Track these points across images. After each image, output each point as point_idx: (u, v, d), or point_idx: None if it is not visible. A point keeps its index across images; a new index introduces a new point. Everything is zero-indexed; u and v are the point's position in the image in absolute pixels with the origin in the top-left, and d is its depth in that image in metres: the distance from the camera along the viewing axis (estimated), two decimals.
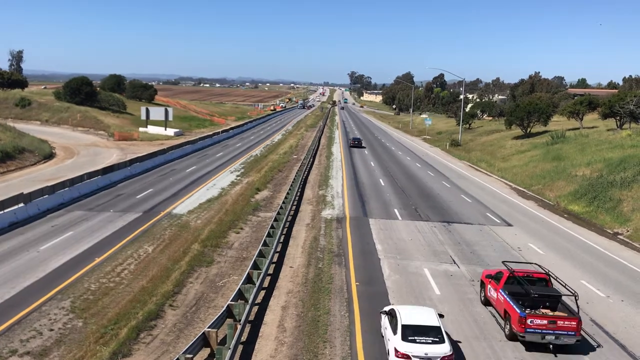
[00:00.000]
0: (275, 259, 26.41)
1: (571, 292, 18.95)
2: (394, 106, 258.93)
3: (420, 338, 16.31)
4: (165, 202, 38.05)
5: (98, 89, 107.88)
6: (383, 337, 18.07)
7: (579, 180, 46.16)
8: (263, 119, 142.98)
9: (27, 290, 21.34)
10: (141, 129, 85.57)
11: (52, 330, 18.12)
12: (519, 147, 71.71)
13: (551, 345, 18.09)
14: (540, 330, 17.98)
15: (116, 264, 24.84)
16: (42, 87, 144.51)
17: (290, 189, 40.87)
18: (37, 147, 57.77)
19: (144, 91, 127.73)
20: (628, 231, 34.91)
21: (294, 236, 31.21)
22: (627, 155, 47.55)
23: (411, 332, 16.44)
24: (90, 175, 41.97)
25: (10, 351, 16.58)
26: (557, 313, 19.08)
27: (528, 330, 18.00)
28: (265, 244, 25.84)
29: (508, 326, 19.01)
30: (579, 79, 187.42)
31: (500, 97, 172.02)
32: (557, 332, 17.93)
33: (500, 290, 20.20)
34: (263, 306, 21.05)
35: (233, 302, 18.71)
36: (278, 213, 32.31)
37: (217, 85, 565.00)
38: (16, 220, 30.80)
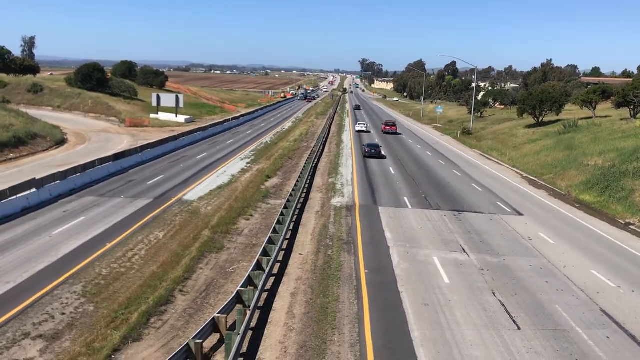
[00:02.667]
0: (284, 246, 26.50)
1: (394, 120, 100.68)
2: (405, 94, 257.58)
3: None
4: (175, 189, 38.22)
5: (109, 75, 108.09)
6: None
7: (591, 170, 45.80)
8: (273, 107, 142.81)
9: (40, 275, 21.57)
10: (152, 116, 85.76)
11: (64, 314, 18.33)
12: (531, 136, 71.21)
13: (388, 134, 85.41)
14: (387, 130, 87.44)
15: (127, 249, 25.03)
16: (49, 74, 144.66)
17: (300, 177, 40.89)
18: (49, 132, 58.10)
19: (155, 78, 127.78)
20: None
21: (303, 224, 31.27)
22: None
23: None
24: (102, 161, 42.20)
25: (23, 334, 16.81)
26: (392, 127, 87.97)
27: (384, 130, 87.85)
28: (274, 231, 25.90)
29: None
30: (592, 68, 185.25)
31: (512, 85, 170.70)
32: (390, 130, 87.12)
33: (382, 124, 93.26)
34: (272, 292, 21.16)
35: (243, 289, 18.81)
36: (288, 200, 32.37)
37: (228, 72, 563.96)
38: (28, 206, 31.08)
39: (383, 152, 61.28)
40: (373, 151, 57.40)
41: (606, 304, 21.75)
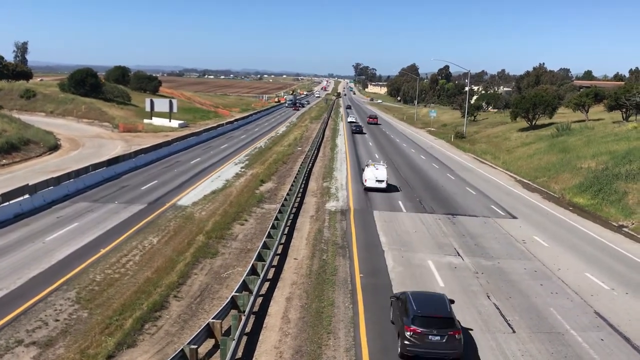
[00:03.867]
0: (279, 251, 26.46)
1: (376, 114, 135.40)
2: (399, 98, 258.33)
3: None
4: (169, 194, 38.12)
5: (103, 80, 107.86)
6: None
7: (584, 173, 46.01)
8: (267, 111, 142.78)
9: (33, 281, 21.46)
10: (146, 121, 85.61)
11: (57, 320, 18.23)
12: (524, 139, 71.50)
13: (371, 124, 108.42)
14: (370, 122, 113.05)
15: (121, 255, 24.94)
16: (39, 79, 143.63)
17: (294, 181, 40.88)
18: (42, 138, 57.88)
19: (149, 83, 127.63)
20: (633, 224, 34.81)
21: (298, 228, 31.25)
22: (633, 148, 47.37)
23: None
24: (95, 166, 42.07)
25: (16, 341, 16.70)
26: (374, 119, 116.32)
27: (369, 122, 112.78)
28: (269, 236, 25.88)
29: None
30: (585, 71, 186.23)
31: (505, 89, 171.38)
32: (373, 122, 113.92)
33: (367, 117, 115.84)
34: (267, 297, 21.12)
35: (237, 294, 18.78)
36: (282, 205, 32.34)
37: (222, 77, 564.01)
38: (21, 212, 30.91)
39: (364, 130, 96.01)
40: (357, 129, 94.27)
41: (600, 306, 21.82)
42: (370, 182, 42.00)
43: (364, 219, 33.85)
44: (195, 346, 15.34)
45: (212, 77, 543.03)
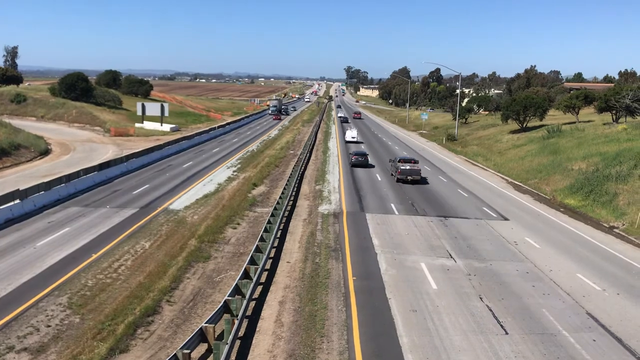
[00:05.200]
0: (272, 254, 26.43)
1: (360, 111, 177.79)
2: (390, 101, 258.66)
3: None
4: (161, 198, 38.00)
5: (94, 84, 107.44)
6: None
7: (575, 174, 46.28)
8: (259, 114, 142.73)
9: (24, 287, 21.30)
10: (137, 125, 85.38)
11: (49, 326, 18.11)
12: (515, 141, 71.84)
13: (356, 119, 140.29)
14: (355, 117, 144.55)
15: (113, 259, 24.82)
16: (27, 84, 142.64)
17: (287, 184, 40.87)
18: (33, 143, 57.55)
19: (140, 87, 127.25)
20: (624, 225, 35.03)
21: (291, 231, 31.22)
22: (623, 149, 47.68)
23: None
24: (87, 171, 41.89)
25: (7, 347, 16.58)
26: (358, 114, 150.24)
27: (354, 117, 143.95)
28: (262, 239, 25.84)
29: None
30: (575, 73, 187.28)
31: (496, 91, 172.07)
32: (357, 116, 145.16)
33: (353, 113, 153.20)
34: (260, 301, 21.08)
35: (230, 298, 18.73)
36: (275, 208, 32.31)
37: (213, 80, 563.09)
38: (12, 217, 30.72)
39: (349, 121, 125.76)
40: (345, 120, 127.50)
41: (592, 307, 21.93)
42: (348, 138, 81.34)
43: (357, 221, 33.89)
44: (188, 351, 15.29)
45: (203, 80, 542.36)
